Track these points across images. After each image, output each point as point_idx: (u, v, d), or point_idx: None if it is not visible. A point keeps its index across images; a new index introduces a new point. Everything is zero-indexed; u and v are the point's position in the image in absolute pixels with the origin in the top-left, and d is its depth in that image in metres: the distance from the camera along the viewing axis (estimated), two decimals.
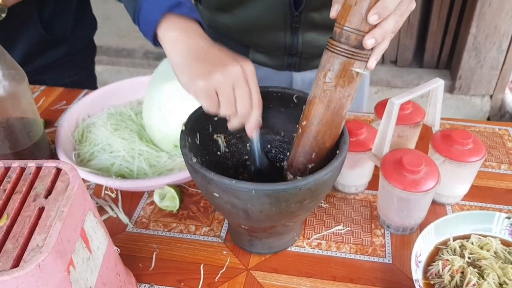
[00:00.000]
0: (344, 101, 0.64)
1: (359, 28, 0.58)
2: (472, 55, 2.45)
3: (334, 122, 0.66)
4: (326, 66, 0.62)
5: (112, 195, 0.88)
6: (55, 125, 1.08)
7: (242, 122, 0.67)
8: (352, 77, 0.62)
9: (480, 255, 0.72)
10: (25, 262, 0.45)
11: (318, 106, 0.65)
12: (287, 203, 0.60)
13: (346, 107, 0.65)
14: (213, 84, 0.62)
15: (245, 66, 0.63)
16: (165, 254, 0.79)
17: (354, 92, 0.64)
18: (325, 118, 0.65)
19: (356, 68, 0.61)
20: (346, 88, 0.63)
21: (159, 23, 0.66)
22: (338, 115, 0.65)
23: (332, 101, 0.64)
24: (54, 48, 1.22)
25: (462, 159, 0.79)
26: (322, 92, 0.64)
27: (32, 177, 0.55)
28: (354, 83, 0.63)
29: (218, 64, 0.62)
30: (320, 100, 0.64)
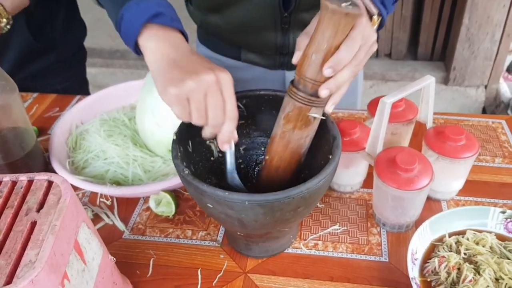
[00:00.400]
0: (302, 141, 0.68)
1: (315, 79, 0.61)
2: (465, 46, 2.45)
3: (293, 159, 0.70)
4: (286, 109, 0.66)
5: (108, 202, 0.88)
6: (49, 132, 1.08)
7: (214, 132, 0.65)
8: (309, 121, 0.66)
9: (476, 251, 0.72)
10: (18, 278, 0.45)
11: (279, 145, 0.69)
12: (281, 212, 0.60)
13: (305, 146, 0.70)
14: (184, 91, 0.60)
15: (221, 75, 0.61)
16: (162, 260, 0.79)
17: (312, 133, 0.69)
18: (284, 155, 0.70)
19: (312, 114, 0.65)
20: (304, 131, 0.67)
21: (140, 33, 0.65)
22: (296, 153, 0.70)
23: (291, 141, 0.68)
24: (44, 55, 1.22)
25: (455, 156, 0.79)
26: (282, 133, 0.68)
27: (23, 190, 0.55)
28: (312, 126, 0.67)
29: (192, 72, 0.61)
30: (280, 139, 0.68)
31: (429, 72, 2.68)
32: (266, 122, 0.78)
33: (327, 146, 0.68)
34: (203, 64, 0.63)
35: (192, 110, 0.61)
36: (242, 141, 0.80)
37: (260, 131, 0.80)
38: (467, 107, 2.66)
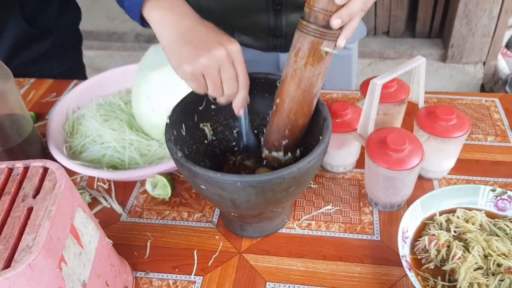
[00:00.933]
0: (314, 79, 0.66)
1: (327, 8, 0.60)
2: (463, 23, 2.43)
3: (306, 100, 0.68)
4: (297, 45, 0.64)
5: (105, 186, 0.90)
6: (46, 118, 1.09)
7: (229, 100, 0.70)
8: (321, 56, 0.64)
9: (466, 229, 0.74)
10: (16, 262, 0.46)
11: (290, 85, 0.67)
12: (272, 192, 0.61)
13: (317, 85, 0.67)
14: (199, 68, 0.64)
15: (231, 48, 0.65)
16: (159, 242, 0.80)
17: (324, 70, 0.66)
18: (296, 96, 0.67)
19: (325, 47, 0.63)
20: (316, 67, 0.65)
21: (144, 4, 0.67)
22: (309, 93, 0.67)
23: (303, 80, 0.66)
24: (39, 41, 1.22)
25: (446, 135, 0.80)
26: (293, 71, 0.66)
27: (20, 177, 0.56)
28: (324, 62, 0.65)
29: (205, 48, 0.64)
30: (291, 79, 0.66)
31: (427, 49, 2.67)
32: (259, 105, 0.79)
33: (318, 127, 0.69)
34: (213, 36, 0.66)
35: (208, 85, 0.66)
36: (235, 124, 0.81)
37: (253, 114, 0.80)
38: (466, 84, 2.65)
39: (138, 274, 0.75)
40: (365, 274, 0.73)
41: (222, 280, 0.74)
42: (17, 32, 1.16)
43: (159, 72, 0.89)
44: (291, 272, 0.74)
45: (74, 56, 1.40)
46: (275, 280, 0.73)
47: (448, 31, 2.58)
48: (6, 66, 0.81)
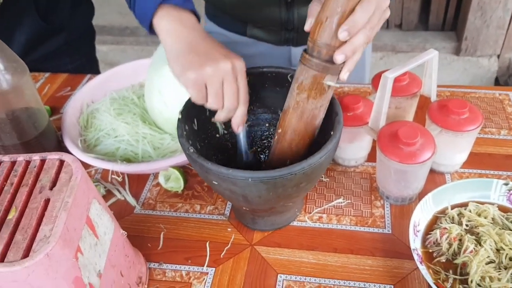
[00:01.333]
0: (317, 112, 0.67)
1: (330, 43, 0.60)
2: (477, 16, 2.41)
3: (307, 131, 0.69)
4: (299, 78, 0.65)
5: (119, 178, 0.91)
6: (61, 111, 1.11)
7: (228, 116, 0.70)
8: (323, 89, 0.64)
9: (478, 222, 0.74)
10: (34, 252, 0.48)
11: (292, 116, 0.68)
12: (283, 188, 0.62)
13: (319, 117, 0.68)
14: (203, 76, 0.64)
15: (236, 63, 0.66)
16: (172, 234, 0.82)
17: (326, 103, 0.67)
18: (298, 128, 0.68)
19: (327, 81, 0.63)
20: (318, 100, 0.66)
21: (154, 14, 0.69)
22: (311, 125, 0.69)
23: (305, 112, 0.67)
24: (53, 36, 1.24)
25: (458, 129, 0.80)
26: (295, 103, 0.67)
27: (37, 169, 0.57)
28: (326, 94, 0.66)
29: (210, 58, 0.65)
30: (294, 111, 0.67)
31: (440, 42, 2.65)
32: (270, 98, 0.80)
33: (329, 122, 0.70)
34: (218, 50, 0.67)
35: (209, 95, 0.66)
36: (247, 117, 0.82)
37: (264, 107, 0.81)
38: (479, 78, 2.63)
39: (151, 265, 0.77)
40: (376, 267, 0.74)
41: (234, 271, 0.75)
42: (31, 27, 1.18)
43: None
44: (302, 265, 0.75)
45: (88, 51, 1.41)
46: (287, 272, 0.74)
47: (462, 24, 2.56)
48: (22, 61, 0.82)
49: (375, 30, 0.63)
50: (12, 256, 0.48)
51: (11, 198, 0.54)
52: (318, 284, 0.72)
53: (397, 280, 0.72)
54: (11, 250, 0.49)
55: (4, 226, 0.51)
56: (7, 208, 0.53)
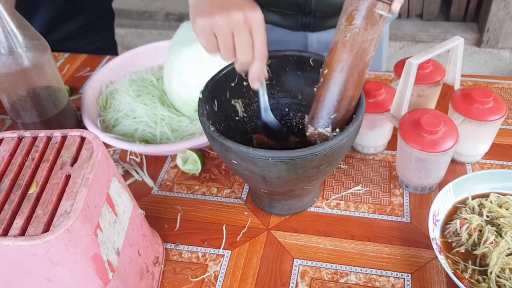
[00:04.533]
0: (367, 45, 0.63)
1: None
2: (500, 7, 2.36)
3: (357, 68, 0.64)
4: (349, 9, 0.61)
5: (137, 159, 0.91)
6: (80, 92, 1.11)
7: (243, 69, 0.67)
8: (375, 20, 0.61)
9: (499, 214, 0.73)
10: (55, 227, 0.48)
11: (341, 52, 0.63)
12: (304, 169, 0.61)
13: (370, 52, 0.64)
14: (211, 24, 0.62)
15: (251, 14, 0.62)
16: (189, 215, 0.82)
17: (377, 37, 0.63)
18: (348, 64, 0.64)
19: (379, 10, 0.60)
20: (369, 31, 0.61)
21: None
22: (361, 61, 0.64)
23: (355, 45, 0.62)
24: (73, 17, 1.24)
25: (482, 118, 0.78)
26: (344, 37, 0.62)
27: (58, 146, 0.57)
28: (378, 26, 0.62)
29: (223, 7, 0.62)
30: (342, 45, 0.63)
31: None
32: (291, 82, 0.79)
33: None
34: (236, 1, 0.64)
35: (220, 44, 0.63)
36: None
37: (285, 92, 0.81)
38: (500, 70, 2.58)
39: (168, 246, 0.77)
40: (393, 255, 0.73)
41: (250, 255, 0.75)
42: (52, 7, 1.18)
43: (190, 49, 0.90)
44: (318, 250, 0.75)
45: (107, 33, 1.41)
46: (303, 257, 0.74)
47: (484, 15, 2.51)
48: (43, 39, 0.82)
49: None
50: (33, 230, 0.48)
51: (32, 173, 0.54)
52: (335, 270, 0.72)
53: (414, 269, 0.71)
54: (31, 225, 0.49)
55: (25, 200, 0.51)
56: (28, 183, 0.53)
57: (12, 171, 0.55)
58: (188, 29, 0.94)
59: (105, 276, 0.55)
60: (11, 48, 0.77)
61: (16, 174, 0.54)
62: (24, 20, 0.78)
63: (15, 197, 0.51)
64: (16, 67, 0.78)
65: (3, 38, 0.76)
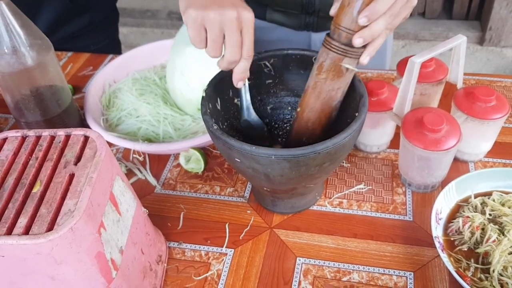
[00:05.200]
0: (334, 93, 0.68)
1: (350, 28, 0.61)
2: (503, 5, 2.35)
3: (324, 112, 0.70)
4: (320, 59, 0.66)
5: (140, 158, 0.91)
6: (83, 90, 1.11)
7: (229, 68, 0.67)
8: (341, 72, 0.66)
9: (501, 212, 0.73)
10: (59, 225, 0.48)
11: (311, 96, 0.69)
12: (306, 167, 0.61)
13: (336, 99, 0.70)
14: (203, 17, 0.62)
15: (244, 14, 0.63)
16: (192, 214, 0.82)
17: (344, 86, 0.68)
18: (315, 107, 0.70)
19: (345, 64, 0.65)
20: (336, 82, 0.67)
21: None
22: (327, 105, 0.70)
23: (322, 93, 0.68)
24: (78, 16, 1.24)
25: (484, 117, 0.78)
26: (314, 83, 0.68)
27: (62, 145, 0.58)
28: (344, 77, 0.67)
29: (217, 3, 0.62)
30: (312, 90, 0.69)
31: (464, 32, 2.60)
32: (294, 81, 0.79)
33: (354, 104, 0.69)
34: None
35: (208, 40, 0.64)
36: (270, 100, 0.82)
37: (288, 90, 0.81)
38: (503, 69, 2.58)
39: (171, 244, 0.77)
40: (396, 253, 0.73)
41: (253, 253, 0.75)
42: (57, 6, 1.18)
43: (193, 48, 0.87)
44: (321, 249, 0.75)
45: (111, 33, 1.42)
46: (306, 256, 0.74)
47: (486, 13, 2.50)
48: (47, 38, 0.82)
49: (399, 18, 0.64)
50: (37, 229, 0.48)
51: (36, 172, 0.55)
52: (337, 269, 0.72)
53: (417, 267, 0.71)
54: (35, 223, 0.49)
55: (29, 199, 0.52)
56: (32, 182, 0.54)
57: (16, 170, 0.55)
58: None
59: (109, 274, 0.55)
60: (14, 47, 0.77)
61: (20, 173, 0.55)
62: (27, 19, 0.79)
63: (19, 196, 0.52)
64: (20, 66, 0.79)
65: (6, 37, 0.77)
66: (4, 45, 0.77)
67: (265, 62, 0.76)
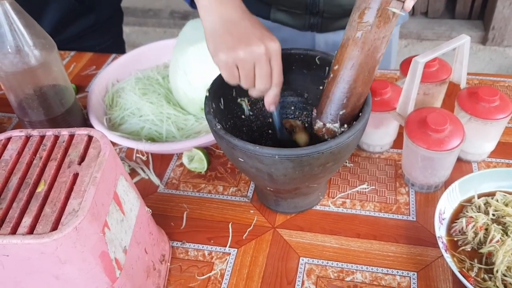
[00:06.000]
0: (379, 43, 0.62)
1: None
2: (506, 4, 2.35)
3: (368, 65, 0.64)
4: (362, 5, 0.61)
5: (143, 158, 0.92)
6: (86, 90, 1.11)
7: (261, 95, 0.70)
8: (388, 18, 0.60)
9: (505, 212, 0.73)
10: (63, 225, 0.48)
11: (352, 48, 0.63)
12: (310, 167, 0.61)
13: (381, 50, 0.64)
14: (234, 59, 0.64)
15: (270, 45, 0.64)
16: (195, 214, 0.82)
17: (389, 34, 0.63)
18: (358, 61, 0.64)
19: (392, 8, 0.60)
20: (382, 29, 0.61)
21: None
22: (372, 58, 0.64)
23: (367, 43, 0.62)
24: (83, 16, 1.25)
25: (488, 117, 0.78)
26: (356, 34, 0.62)
27: (65, 144, 0.58)
28: (390, 24, 0.61)
29: (244, 41, 0.64)
30: (354, 42, 0.63)
31: (466, 31, 2.59)
32: (297, 81, 0.79)
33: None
34: (255, 32, 0.65)
35: (241, 76, 0.66)
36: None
37: (291, 90, 0.81)
38: (506, 68, 2.57)
39: (174, 244, 0.77)
40: (399, 253, 0.73)
41: (256, 253, 0.75)
42: (63, 6, 1.18)
43: (196, 47, 0.90)
44: (324, 249, 0.75)
45: (115, 33, 1.42)
46: (309, 256, 0.74)
47: (489, 13, 2.50)
48: (50, 37, 0.83)
49: None
50: (41, 229, 0.48)
51: (40, 172, 0.55)
52: (341, 269, 0.72)
53: (420, 268, 0.71)
54: (40, 223, 0.49)
55: (33, 199, 0.52)
56: (36, 182, 0.54)
57: (20, 169, 0.55)
58: (194, 27, 0.94)
59: (113, 274, 0.55)
60: (18, 46, 0.78)
61: (24, 173, 0.55)
62: (31, 19, 0.79)
63: (23, 196, 0.52)
64: (23, 65, 0.79)
65: (10, 37, 0.77)
66: (8, 45, 0.77)
67: None
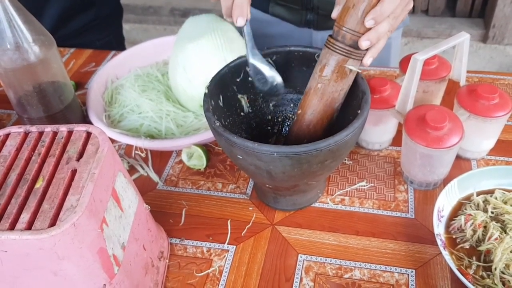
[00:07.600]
0: (337, 95, 0.68)
1: (355, 29, 0.62)
2: (506, 3, 2.34)
3: (326, 113, 0.70)
4: (323, 61, 0.66)
5: (142, 154, 0.92)
6: (86, 87, 1.11)
7: (227, 12, 0.68)
8: (345, 73, 0.66)
9: (504, 210, 0.73)
10: (61, 221, 0.48)
11: (312, 98, 0.69)
12: (308, 164, 0.62)
13: (339, 100, 0.69)
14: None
15: None
16: (194, 210, 0.82)
17: (346, 87, 0.68)
18: (317, 109, 0.69)
19: (349, 66, 0.65)
20: (339, 83, 0.67)
21: None
22: (330, 107, 0.69)
23: (325, 94, 0.68)
24: (83, 12, 1.25)
25: (487, 114, 0.78)
26: (316, 85, 0.68)
27: (64, 141, 0.58)
28: (347, 79, 0.67)
29: None
30: (314, 92, 0.68)
31: (467, 29, 2.59)
32: (296, 78, 0.79)
33: (356, 101, 0.69)
34: None
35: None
36: (272, 97, 0.81)
37: (290, 87, 0.81)
38: (506, 67, 2.57)
39: (173, 241, 0.77)
40: (398, 251, 0.73)
41: (254, 250, 0.75)
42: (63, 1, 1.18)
43: (196, 44, 0.90)
44: (323, 246, 0.75)
45: (115, 29, 1.42)
46: (307, 253, 0.74)
47: (490, 11, 2.50)
48: (49, 34, 0.82)
49: (399, 19, 0.65)
50: (39, 225, 0.48)
51: (38, 168, 0.55)
52: (339, 266, 0.72)
53: (419, 265, 0.71)
54: (38, 219, 0.49)
55: (32, 195, 0.52)
56: (35, 178, 0.54)
57: (18, 165, 0.55)
58: (194, 24, 0.94)
59: (111, 270, 0.56)
60: (17, 43, 0.77)
61: (22, 169, 0.55)
62: (30, 15, 0.79)
63: (22, 192, 0.52)
64: (23, 62, 0.79)
65: (9, 33, 0.77)
66: (7, 41, 0.77)
67: (267, 59, 0.76)
